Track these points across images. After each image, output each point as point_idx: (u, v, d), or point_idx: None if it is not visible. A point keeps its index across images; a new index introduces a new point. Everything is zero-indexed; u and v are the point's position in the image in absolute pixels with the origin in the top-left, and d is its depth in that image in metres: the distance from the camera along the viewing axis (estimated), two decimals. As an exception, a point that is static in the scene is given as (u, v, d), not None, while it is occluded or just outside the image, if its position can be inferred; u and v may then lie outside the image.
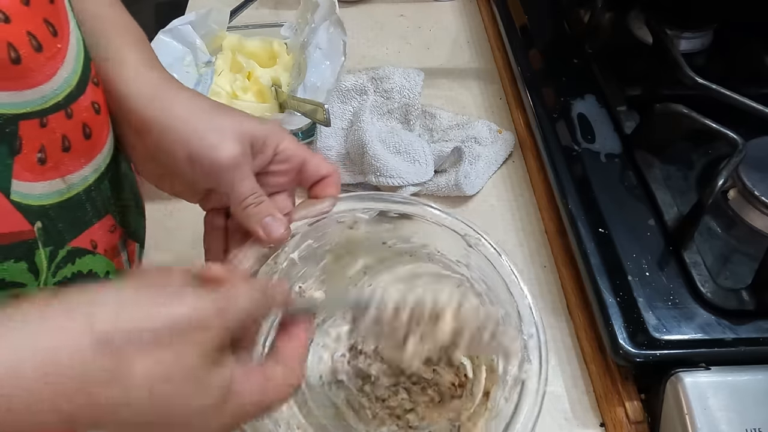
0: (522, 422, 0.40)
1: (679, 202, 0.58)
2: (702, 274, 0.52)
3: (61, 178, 0.36)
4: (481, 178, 0.68)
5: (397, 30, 0.89)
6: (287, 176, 0.45)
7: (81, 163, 0.38)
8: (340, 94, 0.72)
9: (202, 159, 0.40)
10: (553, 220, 0.63)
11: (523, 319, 0.44)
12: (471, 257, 0.48)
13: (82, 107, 0.37)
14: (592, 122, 0.67)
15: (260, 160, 0.43)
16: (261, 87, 0.70)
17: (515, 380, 0.43)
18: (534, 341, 0.43)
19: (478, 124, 0.72)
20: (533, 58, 0.76)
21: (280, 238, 0.43)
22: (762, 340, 0.49)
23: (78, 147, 0.37)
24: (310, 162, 0.45)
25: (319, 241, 0.50)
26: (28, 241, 0.35)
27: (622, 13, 0.80)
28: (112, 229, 0.42)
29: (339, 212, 0.48)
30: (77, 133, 0.37)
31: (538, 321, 0.44)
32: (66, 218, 0.37)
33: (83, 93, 0.37)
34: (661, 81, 0.68)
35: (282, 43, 0.75)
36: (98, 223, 0.40)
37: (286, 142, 0.44)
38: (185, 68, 0.70)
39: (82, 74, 0.37)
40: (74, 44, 0.36)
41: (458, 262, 0.49)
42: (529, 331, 0.43)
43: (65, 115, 0.35)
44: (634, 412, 0.49)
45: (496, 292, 0.47)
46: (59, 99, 0.35)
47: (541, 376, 0.41)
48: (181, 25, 0.70)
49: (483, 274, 0.48)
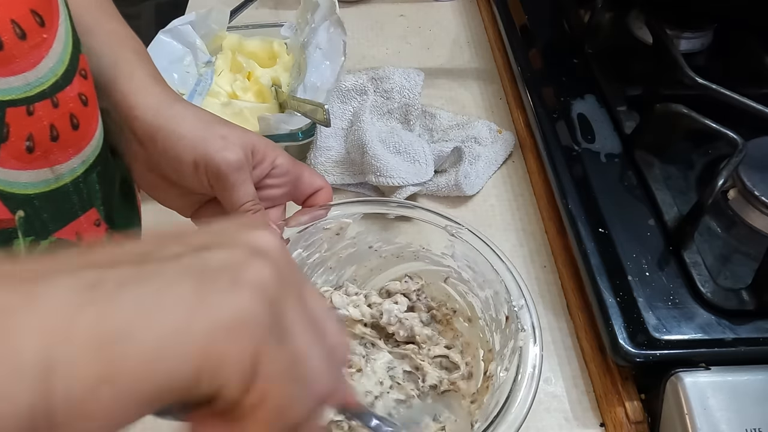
0: (525, 387, 0.42)
1: (679, 202, 0.58)
2: (702, 274, 0.52)
3: (49, 167, 0.37)
4: (481, 178, 0.68)
5: (397, 30, 0.89)
6: (282, 189, 0.48)
7: (69, 153, 0.38)
8: (340, 94, 0.72)
9: (207, 160, 0.42)
10: (553, 220, 0.63)
11: (512, 293, 0.47)
12: (455, 247, 0.51)
13: (68, 98, 0.37)
14: (592, 122, 0.67)
15: (258, 171, 0.45)
16: (261, 87, 0.70)
17: (513, 350, 0.45)
18: (525, 311, 0.46)
19: (478, 124, 0.72)
20: (533, 58, 0.76)
21: None
22: (762, 340, 0.49)
23: (66, 137, 0.37)
24: (305, 175, 0.48)
25: (308, 249, 0.52)
26: (7, 230, 0.35)
27: (622, 13, 0.80)
28: (97, 223, 0.42)
29: (325, 219, 0.51)
30: (65, 122, 0.37)
31: (524, 290, 0.47)
32: (51, 209, 0.38)
33: (70, 83, 0.37)
34: (661, 81, 0.68)
35: (282, 43, 0.75)
36: (83, 215, 0.41)
37: (282, 158, 0.47)
38: (185, 68, 0.70)
39: (69, 65, 0.37)
40: (63, 36, 0.37)
41: (443, 254, 0.52)
42: (519, 302, 0.46)
43: (51, 104, 0.36)
44: (634, 412, 0.49)
45: (483, 275, 0.50)
46: (44, 88, 0.35)
47: (536, 339, 0.44)
48: (181, 25, 0.70)
49: (468, 261, 0.51)
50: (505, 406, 0.41)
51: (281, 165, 0.46)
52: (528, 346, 0.44)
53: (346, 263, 0.55)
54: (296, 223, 0.49)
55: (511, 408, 0.41)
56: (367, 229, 0.53)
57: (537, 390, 0.41)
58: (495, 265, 0.48)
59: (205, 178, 0.43)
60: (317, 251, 0.53)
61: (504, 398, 0.41)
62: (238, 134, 0.44)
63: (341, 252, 0.54)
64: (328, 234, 0.52)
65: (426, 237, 0.52)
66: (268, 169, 0.46)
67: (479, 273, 0.50)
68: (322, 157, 0.67)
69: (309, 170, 0.49)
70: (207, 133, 0.43)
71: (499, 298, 0.48)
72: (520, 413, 0.40)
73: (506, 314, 0.47)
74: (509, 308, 0.47)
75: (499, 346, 0.48)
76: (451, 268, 0.52)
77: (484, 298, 0.50)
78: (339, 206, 0.52)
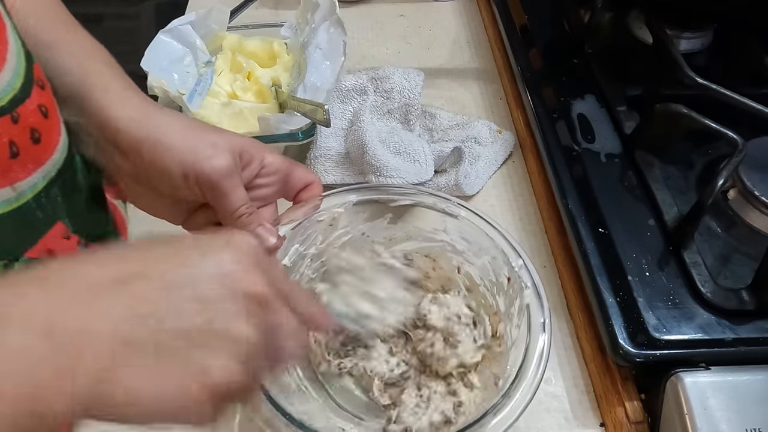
0: (539, 340, 0.45)
1: (679, 202, 0.58)
2: (702, 274, 0.52)
3: (9, 186, 0.35)
4: (481, 178, 0.68)
5: (397, 30, 0.89)
6: (273, 188, 0.48)
7: (29, 169, 0.37)
8: (340, 94, 0.72)
9: (197, 170, 0.42)
10: (553, 220, 0.63)
11: (509, 255, 0.50)
12: (446, 222, 0.54)
13: (28, 111, 0.36)
14: (592, 122, 0.67)
15: (248, 173, 0.45)
16: (261, 87, 0.70)
17: (520, 308, 0.48)
18: (524, 270, 0.49)
19: (478, 124, 0.72)
20: (533, 58, 0.76)
21: (275, 247, 0.45)
22: (762, 340, 0.49)
23: (26, 153, 0.36)
24: (295, 171, 0.48)
25: (304, 243, 0.53)
26: None
27: (622, 13, 0.80)
28: (66, 236, 0.41)
29: (318, 211, 0.52)
30: (25, 137, 0.36)
31: (520, 251, 0.50)
32: (16, 228, 0.37)
33: (29, 96, 0.36)
34: (661, 81, 0.68)
35: (282, 43, 0.75)
36: (51, 231, 0.39)
37: (271, 157, 0.46)
38: (185, 68, 0.70)
39: (26, 77, 0.36)
40: (14, 48, 0.36)
41: (435, 230, 0.54)
42: (517, 263, 0.49)
43: (11, 119, 0.35)
44: (634, 412, 0.49)
45: (478, 243, 0.52)
46: (3, 103, 0.34)
47: (539, 293, 0.47)
48: (181, 25, 0.70)
49: (461, 233, 0.53)
50: (524, 359, 0.44)
51: (270, 164, 0.46)
52: (533, 301, 0.47)
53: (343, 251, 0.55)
54: (288, 221, 0.50)
55: (531, 360, 0.44)
56: (358, 217, 0.55)
57: (551, 342, 0.45)
58: (488, 233, 0.51)
59: (196, 188, 0.43)
60: (313, 244, 0.54)
61: (522, 353, 0.45)
62: (225, 139, 0.43)
63: (336, 242, 0.55)
64: (321, 226, 0.53)
65: (417, 216, 0.55)
66: (257, 169, 0.46)
67: (473, 243, 0.52)
68: (322, 157, 0.67)
69: (299, 166, 0.49)
70: (194, 141, 0.42)
71: (498, 262, 0.51)
72: (539, 364, 0.44)
73: (507, 275, 0.50)
74: (509, 269, 0.49)
75: (504, 307, 0.50)
76: (445, 242, 0.54)
77: (482, 265, 0.52)
78: (328, 197, 0.53)
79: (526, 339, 0.46)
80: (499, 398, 0.42)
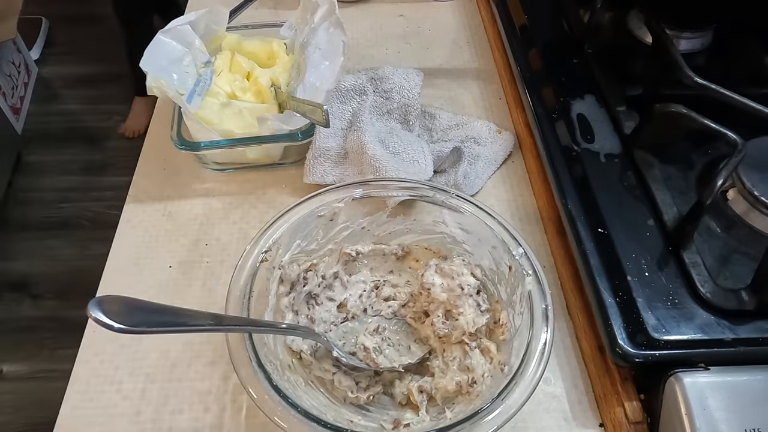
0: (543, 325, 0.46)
1: (679, 202, 0.58)
2: (701, 275, 0.52)
3: None
4: (480, 178, 0.68)
5: (397, 30, 0.89)
6: None
7: None
8: (339, 94, 0.72)
9: None
10: (552, 221, 0.63)
11: (509, 244, 0.51)
12: (444, 214, 0.55)
13: None
14: (591, 122, 0.67)
15: None
16: (260, 87, 0.70)
17: (522, 295, 0.49)
18: (525, 258, 0.50)
19: (477, 124, 0.72)
20: (533, 58, 0.76)
21: None
22: (761, 340, 0.49)
23: None
24: None
25: (306, 239, 0.54)
26: None
27: (622, 13, 0.80)
28: None
29: (317, 207, 0.54)
30: None
31: (520, 239, 0.51)
32: None
33: None
34: (661, 81, 0.68)
35: (281, 43, 0.75)
36: None
37: None
38: (184, 68, 0.70)
39: None
40: None
41: (434, 222, 0.55)
42: (518, 251, 0.50)
43: None
44: (634, 412, 0.49)
45: (477, 234, 0.53)
46: None
47: (540, 279, 0.49)
48: (180, 25, 0.70)
49: (460, 224, 0.54)
50: (528, 345, 0.45)
51: None
52: (534, 288, 0.48)
53: (343, 245, 0.57)
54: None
55: (536, 346, 0.45)
56: (358, 211, 0.56)
57: (553, 326, 0.46)
58: (487, 222, 0.52)
59: None
60: (314, 239, 0.55)
61: (527, 338, 0.46)
62: None
63: (337, 236, 0.56)
64: (322, 221, 0.54)
65: (417, 209, 0.56)
66: None
67: (472, 233, 0.53)
68: (321, 157, 0.67)
69: None
70: None
71: (498, 252, 0.52)
72: (544, 350, 0.45)
73: (508, 264, 0.51)
74: (510, 258, 0.50)
75: (506, 295, 0.52)
76: (444, 234, 0.55)
77: (482, 255, 0.53)
78: (328, 193, 0.54)
79: (528, 325, 0.47)
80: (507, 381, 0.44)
